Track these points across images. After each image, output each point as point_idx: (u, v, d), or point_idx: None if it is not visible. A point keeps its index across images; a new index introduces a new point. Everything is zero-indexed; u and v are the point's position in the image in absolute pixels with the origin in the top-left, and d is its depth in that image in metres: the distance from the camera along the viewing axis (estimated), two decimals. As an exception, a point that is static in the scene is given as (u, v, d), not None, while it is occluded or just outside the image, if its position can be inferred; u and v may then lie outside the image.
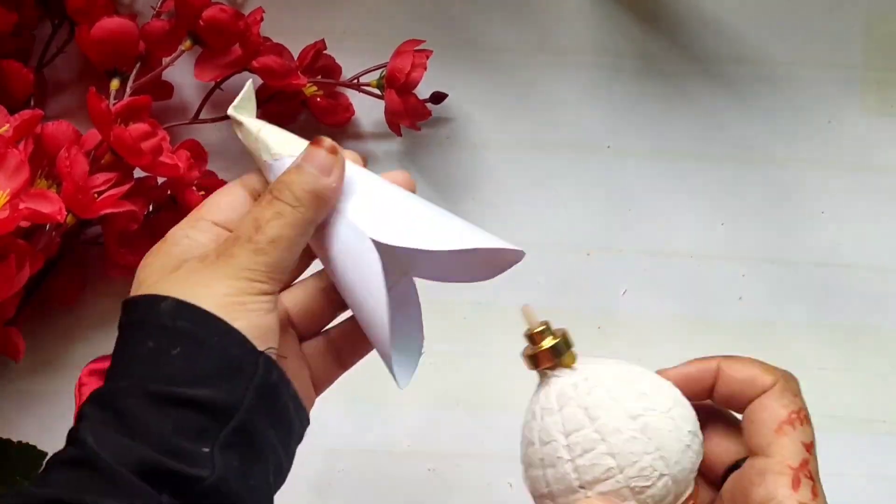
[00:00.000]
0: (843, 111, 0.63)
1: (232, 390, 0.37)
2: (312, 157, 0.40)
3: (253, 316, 0.38)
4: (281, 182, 0.39)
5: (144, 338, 0.37)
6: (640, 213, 0.62)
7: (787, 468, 0.38)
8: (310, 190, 0.39)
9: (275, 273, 0.38)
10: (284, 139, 0.42)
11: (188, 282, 0.38)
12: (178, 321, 0.37)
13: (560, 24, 0.63)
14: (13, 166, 0.50)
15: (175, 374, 0.36)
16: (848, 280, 0.62)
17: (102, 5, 0.57)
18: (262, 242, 0.38)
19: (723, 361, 0.41)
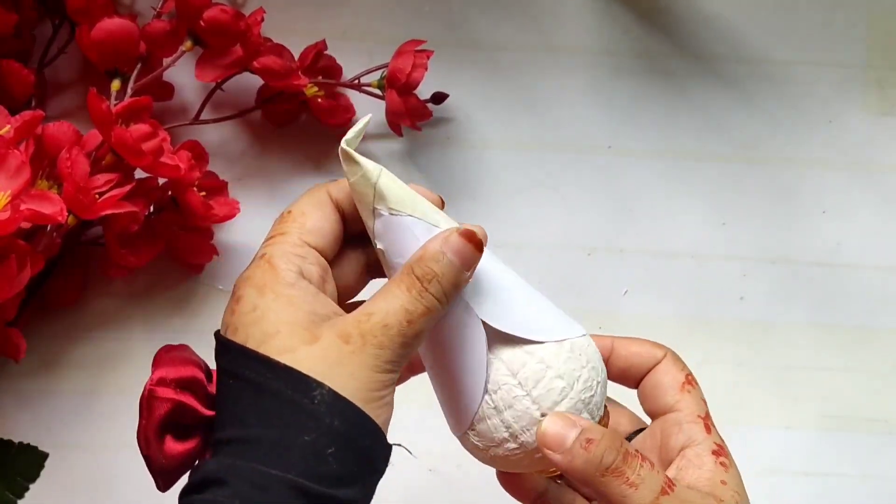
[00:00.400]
0: (844, 110, 0.63)
1: (367, 488, 0.38)
2: (459, 250, 0.39)
3: (387, 407, 0.38)
4: (430, 271, 0.38)
5: (298, 427, 0.36)
6: (641, 213, 0.62)
7: (697, 418, 0.43)
8: (453, 283, 0.39)
9: (407, 361, 0.39)
10: (405, 195, 0.40)
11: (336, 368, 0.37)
12: (336, 419, 0.37)
13: (561, 23, 0.63)
14: (14, 167, 0.50)
15: (327, 474, 0.36)
16: (849, 280, 0.62)
17: (103, 6, 0.57)
18: (409, 337, 0.38)
19: (616, 340, 0.45)
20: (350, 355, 0.37)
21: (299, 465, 0.36)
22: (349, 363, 0.37)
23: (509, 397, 0.41)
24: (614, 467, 0.39)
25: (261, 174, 0.62)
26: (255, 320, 0.38)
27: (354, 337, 0.37)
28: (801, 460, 0.60)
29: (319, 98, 0.59)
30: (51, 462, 0.57)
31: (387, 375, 0.38)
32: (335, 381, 0.37)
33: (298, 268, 0.39)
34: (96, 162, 0.54)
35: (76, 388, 0.60)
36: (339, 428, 0.36)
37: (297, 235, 0.40)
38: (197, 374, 0.40)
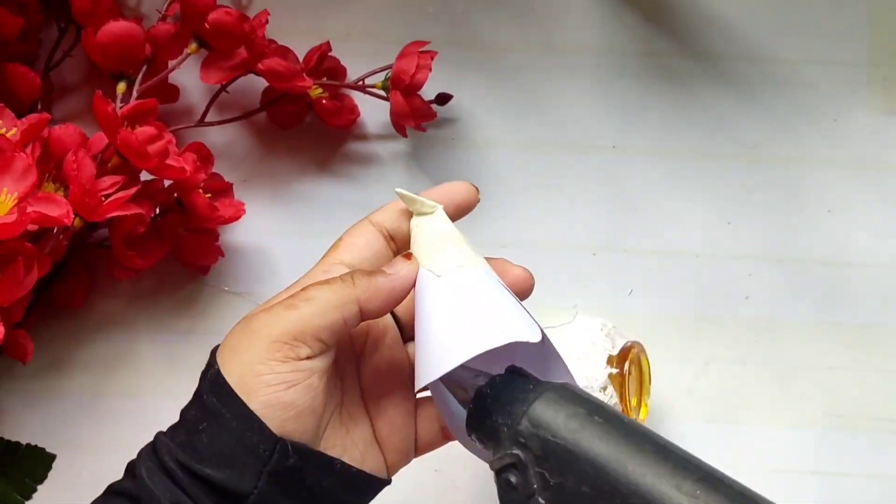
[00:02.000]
0: (849, 109, 0.63)
1: (243, 475, 0.37)
2: (394, 264, 0.40)
3: (272, 391, 0.37)
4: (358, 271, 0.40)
5: (192, 403, 0.39)
6: (645, 213, 0.62)
7: None
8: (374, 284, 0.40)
9: (308, 339, 0.38)
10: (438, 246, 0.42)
11: (233, 349, 0.38)
12: (209, 395, 0.38)
13: (565, 23, 0.63)
14: (21, 170, 0.50)
15: (200, 449, 0.37)
16: (855, 278, 0.62)
17: (108, 9, 0.57)
18: (299, 298, 0.38)
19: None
20: (246, 334, 0.38)
21: (182, 437, 0.38)
22: (243, 341, 0.38)
23: None
24: None
25: (266, 175, 0.62)
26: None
27: (255, 310, 0.40)
28: (808, 459, 0.60)
29: (324, 99, 0.60)
30: (58, 463, 0.58)
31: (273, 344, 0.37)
32: (225, 360, 0.38)
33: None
34: (102, 164, 0.55)
35: (83, 390, 0.60)
36: (212, 405, 0.38)
37: (332, 258, 0.42)
38: None
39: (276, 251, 0.62)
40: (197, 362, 0.60)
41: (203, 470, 0.37)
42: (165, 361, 0.60)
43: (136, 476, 0.38)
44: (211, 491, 0.37)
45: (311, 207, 0.62)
